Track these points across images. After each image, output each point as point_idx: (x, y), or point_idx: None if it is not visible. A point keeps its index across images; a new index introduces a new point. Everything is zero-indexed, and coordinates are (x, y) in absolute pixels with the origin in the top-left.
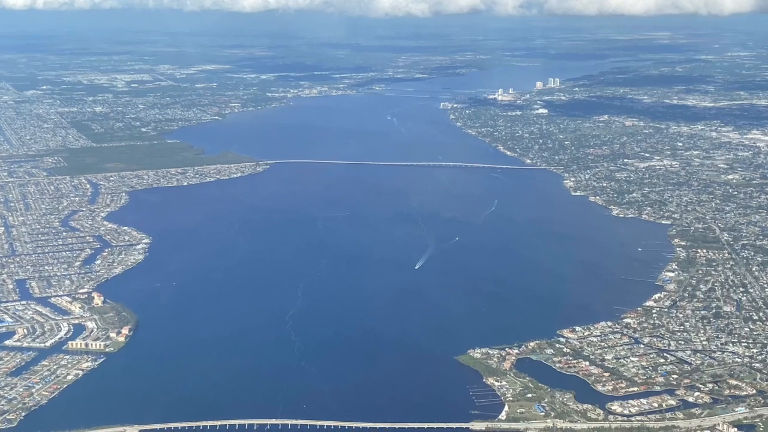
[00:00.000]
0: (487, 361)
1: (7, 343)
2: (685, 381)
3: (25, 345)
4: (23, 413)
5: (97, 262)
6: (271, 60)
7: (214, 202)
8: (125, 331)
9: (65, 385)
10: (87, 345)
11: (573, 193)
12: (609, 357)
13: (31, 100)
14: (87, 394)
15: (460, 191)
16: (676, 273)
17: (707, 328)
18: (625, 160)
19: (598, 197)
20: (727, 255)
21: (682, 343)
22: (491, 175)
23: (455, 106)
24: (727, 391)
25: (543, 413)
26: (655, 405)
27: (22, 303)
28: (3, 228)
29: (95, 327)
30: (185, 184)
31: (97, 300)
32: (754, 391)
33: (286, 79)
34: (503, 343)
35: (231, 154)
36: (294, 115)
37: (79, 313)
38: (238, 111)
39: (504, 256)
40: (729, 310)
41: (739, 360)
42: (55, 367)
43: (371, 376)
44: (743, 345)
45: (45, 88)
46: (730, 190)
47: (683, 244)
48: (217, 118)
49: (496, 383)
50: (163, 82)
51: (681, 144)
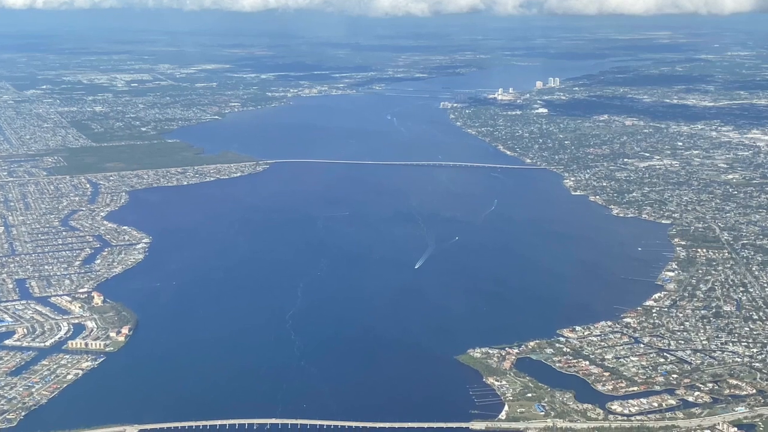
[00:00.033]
0: (487, 360)
1: (7, 342)
2: (685, 380)
3: (24, 344)
4: (23, 413)
5: (97, 261)
6: (270, 59)
7: (214, 201)
8: (125, 330)
9: (65, 385)
10: (87, 344)
11: (573, 193)
12: (609, 356)
13: (31, 100)
14: (87, 393)
15: (460, 191)
16: (676, 272)
17: (707, 327)
18: (625, 160)
19: (598, 197)
20: (727, 254)
21: (682, 342)
22: (491, 174)
23: (455, 105)
24: (727, 391)
25: (543, 413)
26: (655, 404)
27: (22, 302)
28: (3, 227)
29: (95, 326)
30: (185, 183)
31: (97, 299)
32: (754, 391)
33: (286, 78)
34: (503, 342)
35: (231, 154)
36: (294, 114)
37: (78, 313)
38: (238, 110)
39: (504, 255)
40: (729, 309)
41: (739, 359)
42: (54, 366)
43: (371, 375)
44: (743, 344)
45: (45, 87)
46: (730, 190)
47: (683, 243)
48: (216, 117)
49: (496, 383)
50: (163, 81)
51: (681, 143)
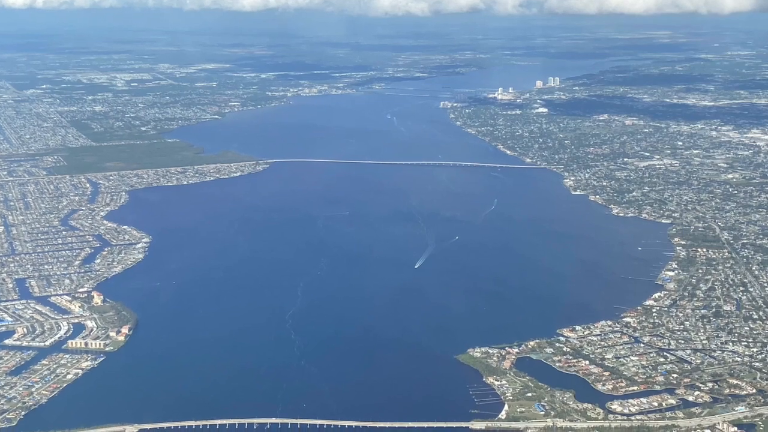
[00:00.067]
0: (486, 360)
1: (7, 342)
2: (685, 380)
3: (24, 344)
4: (23, 412)
5: (97, 261)
6: (270, 59)
7: (214, 201)
8: (125, 330)
9: (65, 384)
10: (87, 344)
11: (573, 192)
12: (609, 356)
13: (31, 99)
14: (87, 393)
15: (460, 190)
16: (676, 272)
17: (707, 327)
18: (625, 159)
19: (598, 196)
20: (727, 254)
21: (682, 342)
22: (491, 174)
23: (455, 105)
24: (727, 390)
25: (543, 412)
26: (655, 404)
27: (22, 302)
28: (3, 227)
29: (95, 326)
30: (185, 183)
31: (97, 299)
32: (754, 390)
33: (285, 78)
34: (503, 342)
35: (231, 153)
36: (294, 114)
37: (78, 312)
38: (238, 110)
39: (504, 255)
40: (729, 309)
41: (739, 359)
42: (54, 366)
43: (371, 375)
44: (743, 344)
45: (45, 87)
46: (730, 189)
47: (683, 243)
48: (216, 117)
49: (496, 382)
50: (163, 81)
51: (681, 143)
